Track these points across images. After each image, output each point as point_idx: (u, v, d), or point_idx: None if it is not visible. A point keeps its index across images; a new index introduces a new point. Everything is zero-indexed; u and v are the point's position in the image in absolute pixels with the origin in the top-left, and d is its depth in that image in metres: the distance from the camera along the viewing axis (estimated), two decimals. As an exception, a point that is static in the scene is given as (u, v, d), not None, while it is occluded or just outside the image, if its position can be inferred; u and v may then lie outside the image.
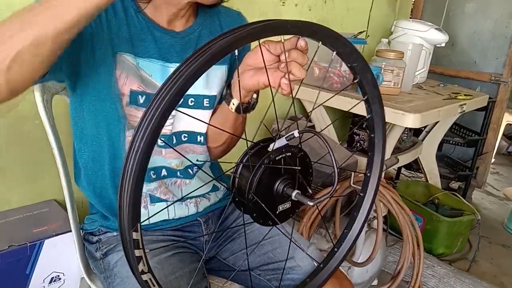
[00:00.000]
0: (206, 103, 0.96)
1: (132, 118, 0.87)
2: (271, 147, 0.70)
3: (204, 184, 1.01)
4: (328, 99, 0.98)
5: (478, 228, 2.09)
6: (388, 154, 1.79)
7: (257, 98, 0.89)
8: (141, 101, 0.86)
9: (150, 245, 0.93)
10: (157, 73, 0.87)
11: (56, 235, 1.10)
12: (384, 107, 1.67)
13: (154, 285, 0.61)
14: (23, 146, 1.16)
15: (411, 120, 1.57)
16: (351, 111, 1.85)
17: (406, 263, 1.56)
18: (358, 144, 2.26)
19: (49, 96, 0.95)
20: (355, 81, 0.72)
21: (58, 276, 1.14)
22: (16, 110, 1.13)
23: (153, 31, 0.87)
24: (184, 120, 0.94)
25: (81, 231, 1.03)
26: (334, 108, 1.87)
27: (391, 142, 1.79)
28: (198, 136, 0.96)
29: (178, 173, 0.97)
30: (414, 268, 1.65)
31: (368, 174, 0.84)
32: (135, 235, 0.55)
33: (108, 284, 0.91)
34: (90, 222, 1.00)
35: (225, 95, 0.89)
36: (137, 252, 0.56)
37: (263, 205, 0.70)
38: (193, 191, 0.98)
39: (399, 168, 2.70)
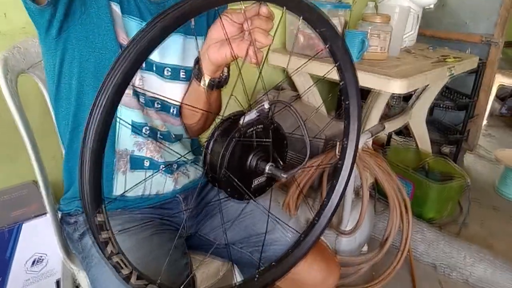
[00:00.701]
0: (183, 75, 0.93)
1: None
2: (241, 121, 0.67)
3: (187, 153, 1.00)
4: (301, 66, 0.95)
5: (468, 192, 2.09)
6: (375, 121, 1.76)
7: (228, 72, 0.87)
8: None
9: (127, 224, 0.91)
10: (133, 32, 0.85)
11: (35, 217, 1.09)
12: (370, 73, 1.63)
13: (126, 266, 0.59)
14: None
15: (398, 86, 1.53)
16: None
17: (394, 230, 1.57)
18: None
19: (13, 75, 0.91)
20: (326, 46, 0.69)
21: (41, 257, 1.13)
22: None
23: None
24: (155, 89, 0.91)
25: (58, 212, 1.01)
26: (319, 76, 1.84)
27: (378, 108, 1.76)
28: (171, 108, 0.93)
29: (159, 134, 0.94)
30: (403, 233, 1.66)
31: (346, 142, 0.83)
32: (100, 217, 0.53)
33: (86, 264, 0.90)
34: (66, 203, 0.98)
35: (195, 73, 0.85)
36: (104, 234, 0.54)
37: (236, 180, 0.68)
38: (178, 159, 0.97)
39: (390, 134, 2.68)
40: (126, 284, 0.61)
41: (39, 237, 1.10)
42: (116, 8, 0.83)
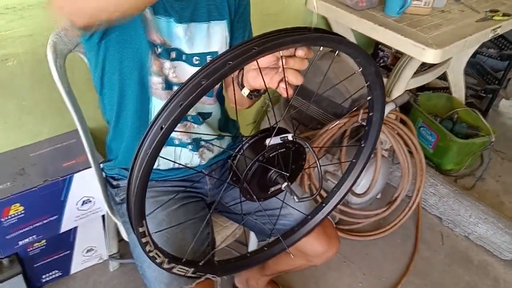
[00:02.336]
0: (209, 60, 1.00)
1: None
2: (267, 141, 0.77)
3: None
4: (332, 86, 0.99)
5: (490, 148, 2.12)
6: (403, 84, 1.77)
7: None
8: (159, 51, 0.94)
9: (159, 197, 1.07)
10: (164, 29, 0.93)
11: (83, 169, 1.26)
12: (406, 38, 1.61)
13: (159, 256, 0.77)
14: (47, 86, 1.25)
15: (432, 56, 1.51)
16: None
17: (403, 192, 1.68)
18: (382, 61, 2.21)
19: (62, 60, 1.01)
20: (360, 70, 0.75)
21: (89, 199, 1.34)
22: (36, 54, 1.20)
23: None
24: (187, 75, 0.99)
25: (102, 172, 1.18)
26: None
27: (409, 73, 1.75)
28: None
29: (189, 117, 1.05)
30: (416, 185, 1.77)
31: (363, 145, 0.92)
32: (141, 229, 0.69)
33: (126, 228, 1.08)
34: (108, 168, 1.14)
35: (237, 81, 0.90)
36: (144, 239, 0.71)
37: (252, 194, 0.81)
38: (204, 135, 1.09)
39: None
40: (160, 267, 0.79)
41: (87, 184, 1.29)
42: (147, 9, 0.89)
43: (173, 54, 0.97)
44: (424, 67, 2.09)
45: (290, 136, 0.78)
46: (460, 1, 1.97)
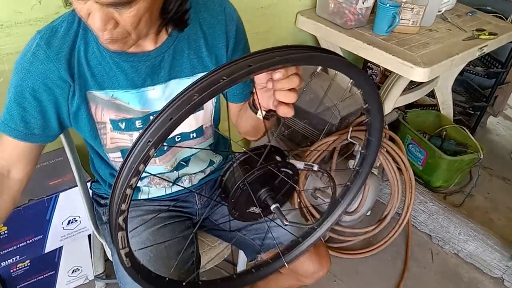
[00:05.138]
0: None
1: (116, 141, 0.94)
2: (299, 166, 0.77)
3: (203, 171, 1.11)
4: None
5: (479, 165, 2.14)
6: (392, 102, 1.79)
7: None
8: (123, 126, 0.91)
9: (145, 215, 1.06)
10: (134, 100, 0.89)
11: (69, 188, 1.24)
12: (394, 56, 1.62)
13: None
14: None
15: (420, 74, 1.53)
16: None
17: (393, 210, 1.68)
18: (370, 79, 2.23)
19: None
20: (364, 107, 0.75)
21: (75, 218, 1.31)
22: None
23: (120, 63, 0.84)
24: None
25: (90, 190, 1.16)
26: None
27: (397, 91, 1.77)
28: (191, 134, 1.00)
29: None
30: (405, 202, 1.76)
31: (359, 169, 0.91)
32: (124, 251, 0.67)
33: (111, 249, 1.07)
34: (96, 187, 1.13)
35: (250, 104, 0.85)
36: (123, 251, 0.68)
37: (237, 215, 0.80)
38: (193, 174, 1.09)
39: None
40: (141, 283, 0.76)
41: (73, 203, 1.27)
42: (97, 93, 0.88)
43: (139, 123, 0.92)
44: (412, 85, 2.11)
45: (315, 167, 0.77)
46: (447, 20, 2.00)
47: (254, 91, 0.80)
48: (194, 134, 1.01)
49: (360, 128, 1.62)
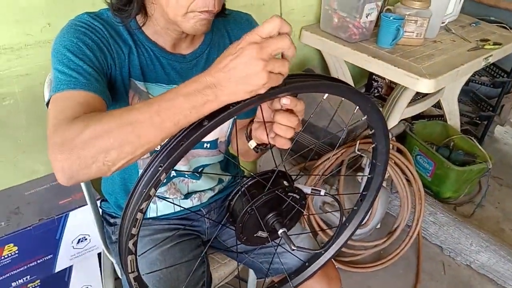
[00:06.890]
0: None
1: None
2: (306, 191, 0.77)
3: (212, 187, 1.11)
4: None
5: (488, 175, 2.12)
6: (398, 114, 1.78)
7: None
8: None
9: (155, 235, 1.05)
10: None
11: (79, 207, 1.24)
12: (399, 68, 1.63)
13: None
14: (43, 124, 1.25)
15: (425, 86, 1.53)
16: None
17: (403, 222, 1.66)
18: (376, 91, 2.24)
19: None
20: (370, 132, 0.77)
21: (84, 237, 1.31)
22: (33, 92, 1.20)
23: (160, 58, 0.91)
24: None
25: (100, 209, 1.17)
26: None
27: (403, 102, 1.77)
28: (205, 144, 1.02)
29: (186, 174, 1.05)
30: (415, 214, 1.75)
31: (365, 193, 0.90)
32: (132, 275, 0.67)
33: (120, 269, 1.06)
34: (106, 206, 1.13)
35: (245, 133, 0.92)
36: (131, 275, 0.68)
37: (244, 240, 0.79)
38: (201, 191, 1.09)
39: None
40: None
41: (83, 221, 1.27)
42: (137, 83, 0.90)
43: None
44: (418, 96, 2.11)
45: (322, 192, 0.78)
46: (451, 31, 2.01)
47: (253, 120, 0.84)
48: (208, 145, 1.03)
49: (367, 140, 1.62)
